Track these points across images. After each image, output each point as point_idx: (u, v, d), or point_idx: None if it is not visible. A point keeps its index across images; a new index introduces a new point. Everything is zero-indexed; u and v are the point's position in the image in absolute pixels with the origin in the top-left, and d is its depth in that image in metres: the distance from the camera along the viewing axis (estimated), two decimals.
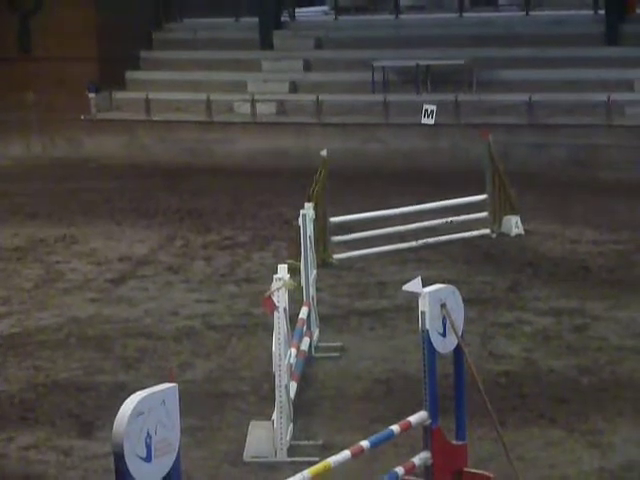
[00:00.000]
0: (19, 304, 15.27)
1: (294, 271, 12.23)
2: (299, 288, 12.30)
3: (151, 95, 28.71)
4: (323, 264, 16.04)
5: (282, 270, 9.92)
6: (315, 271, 13.25)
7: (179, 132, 28.08)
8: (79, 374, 12.32)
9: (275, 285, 9.73)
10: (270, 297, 9.65)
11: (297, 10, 33.09)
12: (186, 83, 29.62)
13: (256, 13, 31.28)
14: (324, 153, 16.97)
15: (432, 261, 16.83)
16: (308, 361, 12.03)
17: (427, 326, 8.39)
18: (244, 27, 31.67)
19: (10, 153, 28.85)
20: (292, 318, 10.93)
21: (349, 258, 16.87)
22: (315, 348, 12.64)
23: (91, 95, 29.39)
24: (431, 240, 17.57)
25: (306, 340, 12.14)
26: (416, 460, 8.59)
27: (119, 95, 29.93)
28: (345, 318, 14.15)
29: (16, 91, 29.48)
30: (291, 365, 10.42)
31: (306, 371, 11.75)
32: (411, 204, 17.89)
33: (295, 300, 11.91)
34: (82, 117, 29.17)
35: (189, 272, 16.89)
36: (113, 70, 29.97)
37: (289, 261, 14.51)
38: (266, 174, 25.04)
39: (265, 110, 28.19)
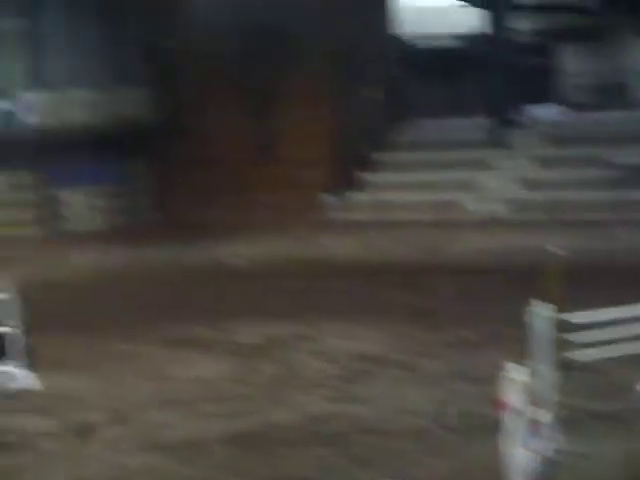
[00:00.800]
0: (258, 401, 15.63)
1: (529, 371, 12.06)
2: (533, 389, 12.11)
3: (383, 196, 29.19)
4: (558, 364, 15.73)
5: (515, 370, 9.81)
6: (550, 372, 13.02)
7: (411, 232, 28.34)
8: (315, 471, 12.47)
9: (508, 385, 9.63)
10: (502, 398, 9.56)
11: (530, 109, 33.09)
12: (417, 183, 29.99)
13: (488, 113, 31.46)
14: (557, 251, 16.76)
15: None
16: (545, 465, 11.76)
17: None
18: (474, 126, 31.89)
19: (248, 252, 29.78)
20: (527, 420, 10.74)
21: (588, 359, 16.47)
22: (552, 452, 12.35)
23: (326, 196, 30.13)
24: None
25: (542, 443, 11.89)
26: None
27: (353, 196, 30.59)
28: (583, 421, 13.79)
29: (255, 193, 30.56)
30: (526, 468, 10.22)
31: (543, 475, 11.49)
32: None
33: (529, 401, 11.72)
34: (317, 218, 29.89)
35: (422, 370, 16.89)
36: (347, 172, 30.71)
37: (523, 361, 14.31)
38: (498, 272, 24.86)
39: (497, 208, 28.16)
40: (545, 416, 12.02)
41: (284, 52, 30.99)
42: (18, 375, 16.86)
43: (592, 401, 14.69)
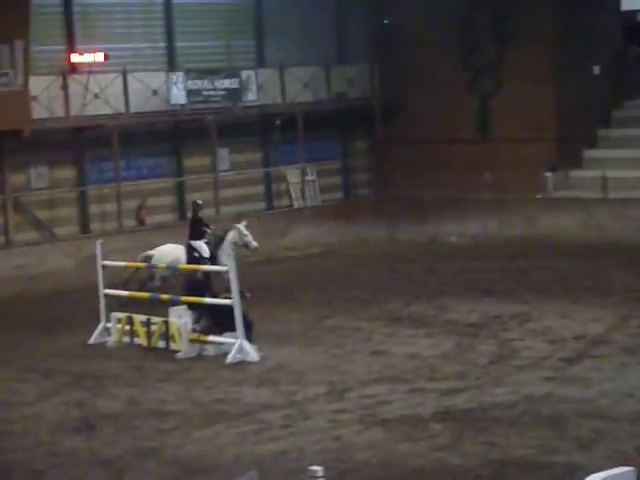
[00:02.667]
0: (474, 379, 15.55)
1: None
2: None
3: (608, 173, 28.43)
4: None
5: None
6: None
7: (636, 210, 27.49)
8: (534, 452, 12.32)
9: None
10: None
11: None
12: None
13: None
14: None
15: None
16: None
17: None
18: None
19: (468, 231, 29.63)
20: None
21: None
22: None
23: (548, 174, 29.61)
24: None
25: None
26: None
27: (575, 174, 29.93)
28: None
29: (473, 172, 30.32)
30: None
31: None
32: None
33: None
34: (538, 196, 29.42)
35: None
36: (570, 149, 30.07)
37: None
38: None
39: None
40: None
41: (507, 28, 30.58)
42: (240, 347, 17.32)
43: None
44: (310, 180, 31.49)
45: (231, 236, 21.32)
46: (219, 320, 17.89)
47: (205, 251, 21.31)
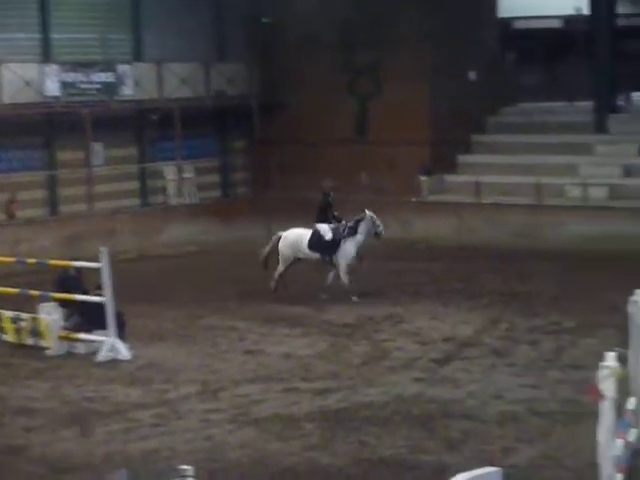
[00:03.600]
0: (347, 379, 15.66)
1: (623, 360, 11.87)
2: (627, 377, 11.92)
3: (481, 178, 28.94)
4: None
5: (610, 358, 9.66)
6: None
7: (508, 215, 28.05)
8: (403, 452, 12.46)
9: (602, 373, 9.49)
10: (596, 385, 9.41)
11: (634, 94, 32.48)
12: (517, 166, 29.63)
13: (591, 97, 30.95)
14: None
15: None
16: (635, 453, 11.58)
17: None
18: (578, 111, 31.41)
19: None
20: (620, 408, 10.59)
21: None
22: None
23: (422, 178, 29.98)
24: None
25: (635, 432, 11.70)
26: None
27: (450, 178, 30.38)
28: None
29: (351, 173, 30.52)
30: (617, 457, 10.07)
31: (634, 464, 11.31)
32: None
33: (623, 390, 11.54)
34: (413, 199, 29.77)
35: (513, 356, 16.75)
36: (445, 154, 30.50)
37: (617, 349, 14.09)
38: (595, 259, 24.51)
39: (597, 194, 27.72)
40: (634, 404, 11.83)
41: (385, 31, 30.85)
42: (111, 345, 17.11)
43: None
44: (187, 178, 31.29)
45: (364, 227, 21.71)
46: (90, 317, 17.64)
47: (327, 233, 21.53)
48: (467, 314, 19.79)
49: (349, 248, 21.56)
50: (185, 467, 8.47)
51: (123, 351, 17.12)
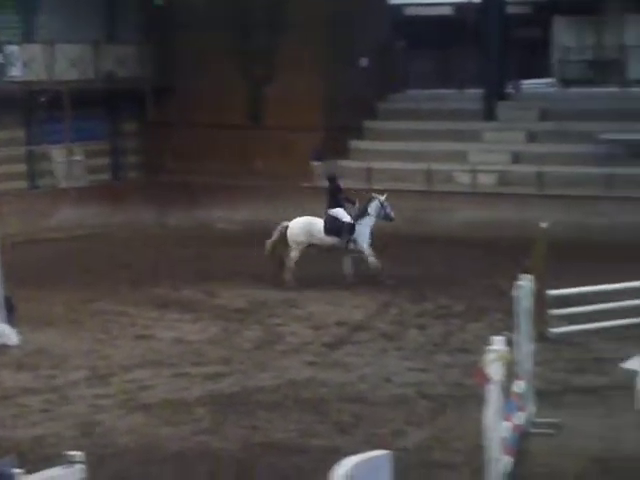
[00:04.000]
0: (239, 364, 15.67)
1: (510, 344, 12.10)
2: (514, 361, 12.17)
3: (373, 164, 29.16)
4: (540, 337, 15.80)
5: (497, 342, 9.85)
6: (532, 345, 13.08)
7: (399, 201, 28.29)
8: (294, 436, 12.53)
9: (489, 357, 9.67)
10: (483, 369, 9.60)
11: (522, 82, 33.04)
12: (407, 153, 29.94)
13: (480, 84, 31.40)
14: (544, 225, 16.82)
15: None
16: (522, 436, 11.85)
17: None
18: (468, 98, 31.83)
19: (237, 218, 29.76)
20: (506, 391, 10.82)
21: (567, 332, 16.56)
22: (530, 423, 12.44)
23: (315, 163, 30.09)
24: None
25: (520, 415, 11.97)
26: None
27: (342, 164, 30.55)
28: (561, 394, 13.88)
29: (245, 158, 30.47)
30: (504, 439, 10.29)
31: (520, 446, 11.57)
32: (633, 279, 17.39)
33: (510, 373, 11.79)
34: (305, 184, 29.86)
35: (403, 340, 16.96)
36: (337, 139, 30.64)
37: (504, 333, 14.37)
38: (484, 244, 24.92)
39: (485, 181, 28.16)
40: (521, 387, 12.09)
41: (279, 16, 30.82)
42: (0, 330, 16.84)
43: (572, 374, 14.77)
44: (76, 160, 30.84)
45: (373, 208, 21.60)
46: None
47: (344, 216, 21.46)
48: (359, 299, 19.94)
49: (364, 230, 21.61)
50: (74, 453, 8.39)
51: (12, 336, 16.85)
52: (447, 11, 38.43)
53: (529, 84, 33.96)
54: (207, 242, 26.81)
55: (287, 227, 21.79)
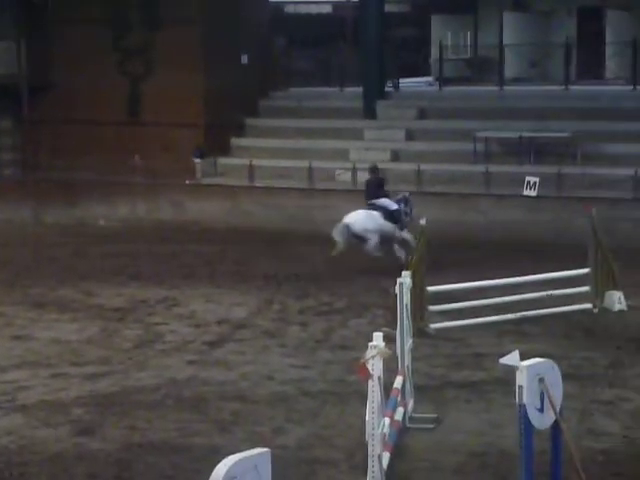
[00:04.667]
0: (118, 364, 15.47)
1: (390, 340, 12.19)
2: (394, 357, 12.26)
3: (255, 162, 29.14)
4: (419, 333, 15.97)
5: (377, 338, 9.90)
6: (411, 340, 13.21)
7: (281, 198, 28.39)
8: (174, 435, 12.42)
9: (370, 353, 9.72)
10: (365, 365, 9.64)
11: (401, 80, 33.38)
12: (289, 150, 30.03)
13: (360, 83, 31.63)
14: (423, 222, 17.00)
15: (531, 334, 16.63)
16: (402, 432, 11.94)
17: (524, 400, 8.28)
18: (348, 96, 32.06)
19: (117, 215, 29.42)
20: (387, 387, 10.89)
21: (446, 328, 16.77)
22: (409, 419, 12.55)
23: (196, 160, 29.93)
24: (530, 313, 17.37)
25: (400, 410, 12.06)
26: None
27: (223, 161, 30.45)
28: (440, 389, 14.03)
29: (123, 155, 30.16)
30: (385, 435, 10.35)
31: (400, 442, 11.66)
32: (510, 276, 17.73)
33: (390, 369, 11.86)
34: (187, 182, 29.69)
35: (285, 337, 16.95)
36: (218, 136, 30.55)
37: (385, 329, 14.48)
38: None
39: (365, 178, 28.39)
40: (401, 383, 12.19)
41: (156, 12, 30.59)
42: None
43: (450, 370, 14.95)
44: None
45: (403, 202, 21.73)
46: None
47: (392, 204, 21.53)
48: (241, 296, 19.87)
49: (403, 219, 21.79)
50: None
51: None
52: (326, 9, 38.64)
53: (408, 83, 34.35)
54: (85, 240, 26.40)
55: (348, 225, 21.65)
